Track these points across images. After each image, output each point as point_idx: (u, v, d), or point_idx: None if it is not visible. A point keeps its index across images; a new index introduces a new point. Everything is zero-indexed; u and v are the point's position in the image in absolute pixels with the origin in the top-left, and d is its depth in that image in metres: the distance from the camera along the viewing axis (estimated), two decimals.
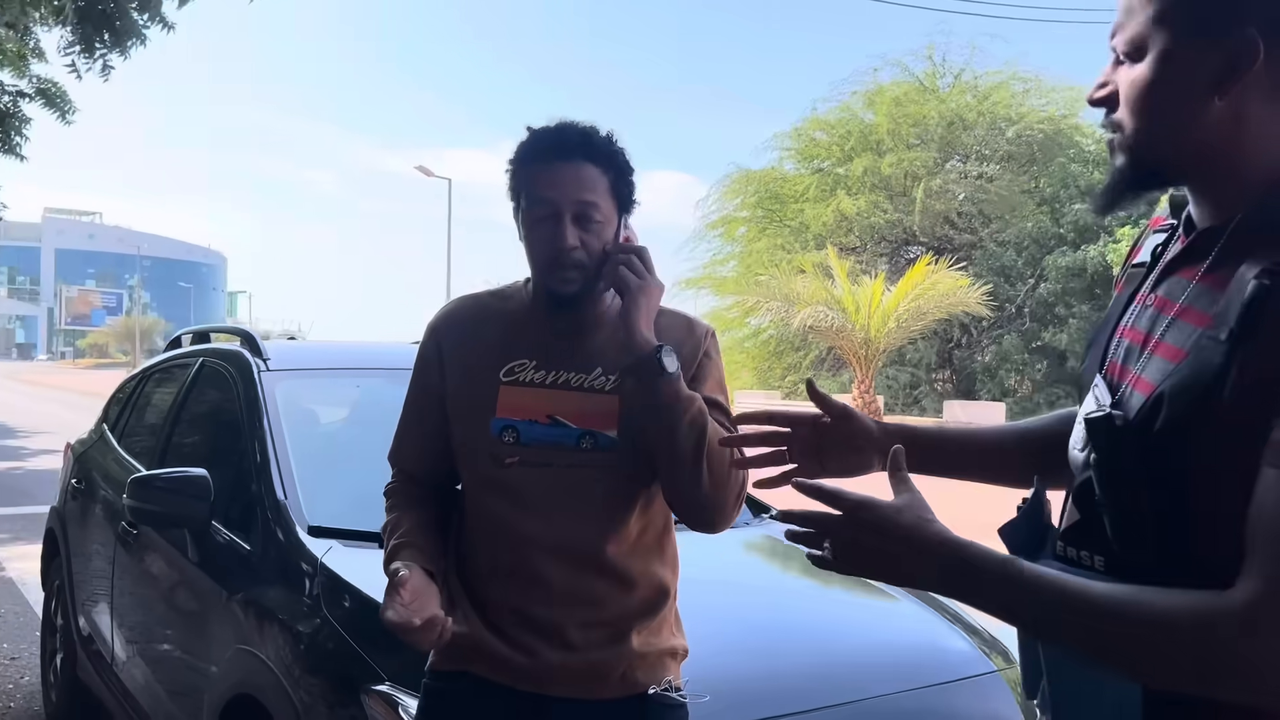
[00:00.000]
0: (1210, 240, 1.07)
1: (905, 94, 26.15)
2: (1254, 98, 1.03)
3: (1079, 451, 1.15)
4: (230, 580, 2.72)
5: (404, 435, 1.84)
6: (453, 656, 1.70)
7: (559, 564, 1.66)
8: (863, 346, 18.60)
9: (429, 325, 1.82)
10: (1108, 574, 1.06)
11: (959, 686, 2.32)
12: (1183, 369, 1.01)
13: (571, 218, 1.63)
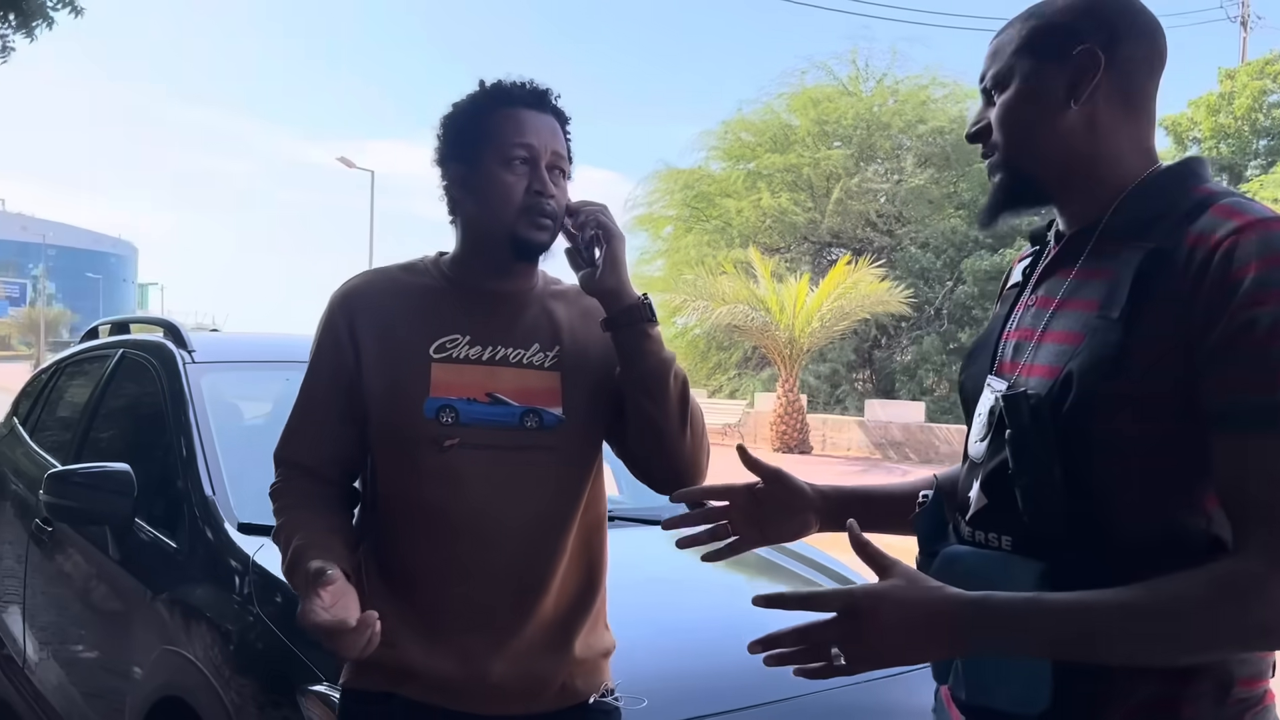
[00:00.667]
0: (1080, 242, 1.21)
1: (828, 96, 26.53)
2: (1103, 106, 1.18)
3: (981, 442, 1.24)
4: (155, 579, 2.63)
5: (300, 427, 1.65)
6: (377, 676, 1.56)
7: (507, 556, 1.55)
8: (787, 346, 18.81)
9: (333, 301, 1.65)
10: (1015, 552, 1.16)
11: (892, 681, 2.34)
12: (1083, 351, 1.11)
13: (546, 167, 1.57)
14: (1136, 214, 1.15)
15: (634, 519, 3.05)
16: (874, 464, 17.36)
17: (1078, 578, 1.08)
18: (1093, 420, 1.09)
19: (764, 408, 20.51)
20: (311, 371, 1.65)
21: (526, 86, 1.60)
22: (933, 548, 1.28)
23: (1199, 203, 1.12)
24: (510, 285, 1.63)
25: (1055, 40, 1.20)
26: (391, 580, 1.58)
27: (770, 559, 3.04)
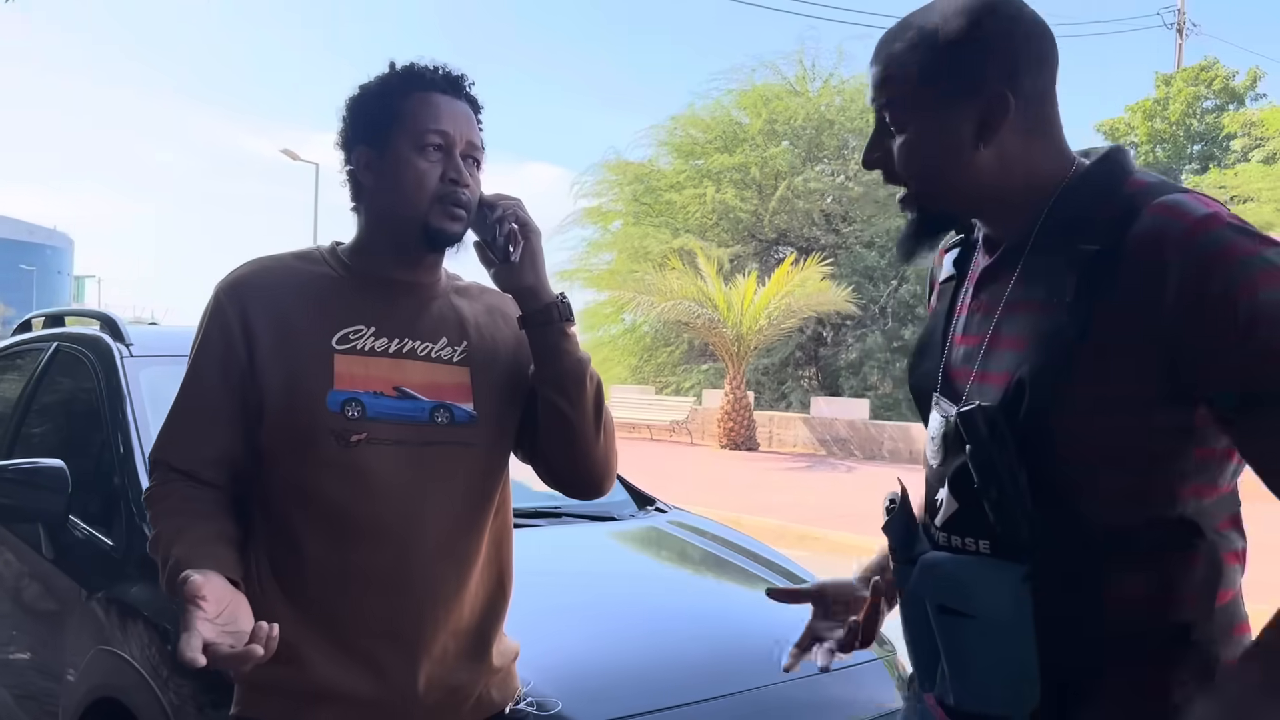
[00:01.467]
0: (1014, 252, 1.20)
1: (776, 95, 26.66)
2: (1009, 138, 1.16)
3: (935, 449, 1.23)
4: (90, 578, 2.57)
5: (182, 425, 1.52)
6: (279, 701, 1.46)
7: (419, 560, 1.47)
8: (735, 343, 18.89)
9: (220, 290, 1.53)
10: (994, 555, 1.13)
11: (842, 674, 2.36)
12: (1030, 356, 1.10)
13: (460, 155, 1.51)
14: (1069, 216, 1.15)
15: (578, 515, 3.05)
16: (819, 460, 17.52)
17: (1059, 577, 1.09)
18: (1049, 423, 1.09)
19: (711, 404, 20.58)
20: (196, 366, 1.53)
21: (441, 71, 1.53)
22: (908, 554, 1.26)
23: (1131, 199, 1.11)
24: (415, 277, 1.56)
25: (956, 82, 1.15)
26: (292, 591, 1.47)
27: (713, 553, 3.05)
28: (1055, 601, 1.10)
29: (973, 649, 1.16)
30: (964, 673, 1.18)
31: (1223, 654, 1.11)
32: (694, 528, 3.27)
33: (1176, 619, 1.09)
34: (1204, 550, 1.10)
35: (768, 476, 14.66)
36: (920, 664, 1.28)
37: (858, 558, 1.58)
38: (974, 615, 1.15)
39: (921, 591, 1.22)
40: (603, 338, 26.79)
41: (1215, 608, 1.11)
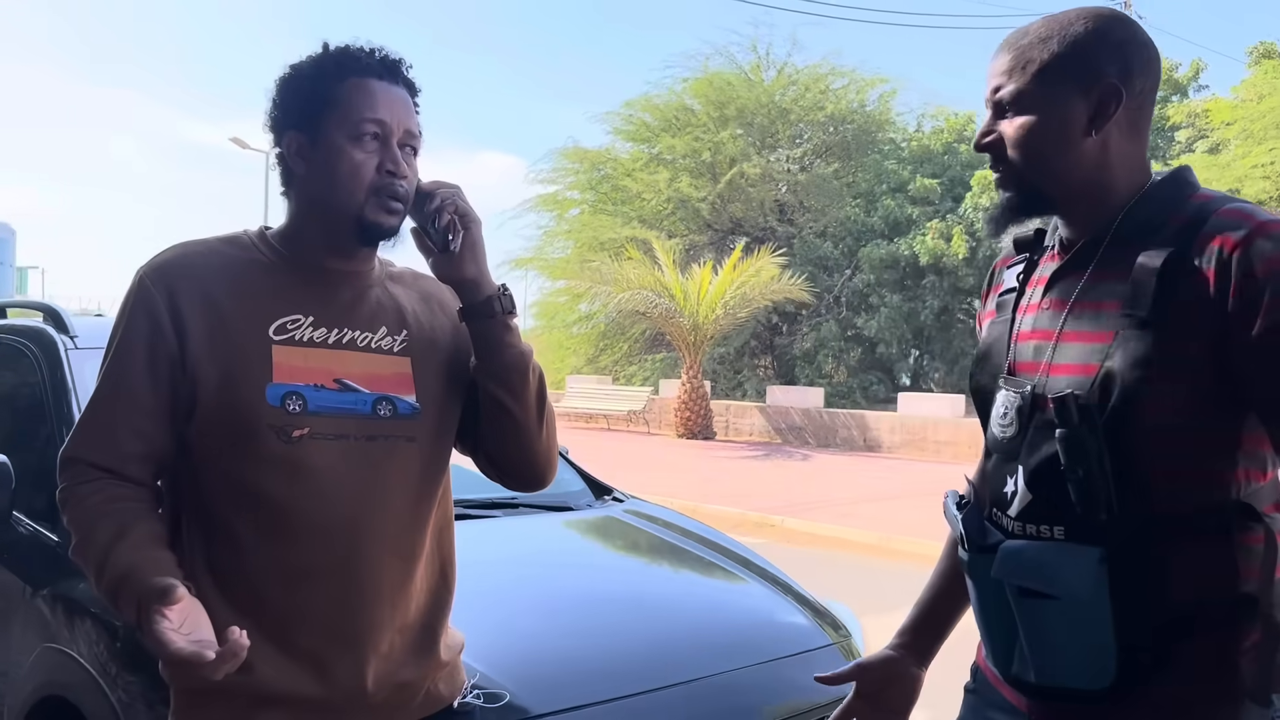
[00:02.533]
0: (1090, 249, 1.30)
1: (730, 83, 26.71)
2: (1116, 134, 1.28)
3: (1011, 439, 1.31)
4: (35, 574, 2.52)
5: (104, 420, 1.41)
6: (222, 708, 1.39)
7: (365, 556, 1.42)
8: (691, 332, 18.94)
9: (145, 276, 1.43)
10: (1068, 540, 1.24)
11: (797, 660, 2.39)
12: (1118, 349, 1.20)
13: (398, 144, 1.44)
14: (1143, 221, 1.27)
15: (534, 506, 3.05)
16: (775, 449, 17.64)
17: (1132, 557, 1.20)
18: (1134, 413, 1.19)
19: (668, 394, 20.63)
20: (119, 357, 1.41)
21: (378, 55, 1.46)
22: (982, 543, 1.33)
23: (1200, 208, 1.24)
24: (350, 265, 1.50)
25: (1078, 72, 1.27)
26: (231, 590, 1.40)
27: (669, 542, 3.06)
28: (1130, 580, 1.19)
29: (1054, 628, 1.25)
30: (1045, 650, 1.26)
31: None
32: (651, 517, 3.28)
33: (1242, 592, 1.19)
34: (1263, 529, 1.20)
35: (725, 465, 14.74)
36: (996, 646, 1.36)
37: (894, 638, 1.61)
38: (1057, 596, 1.23)
39: (1004, 576, 1.28)
40: (558, 326, 26.73)
41: (1275, 579, 1.20)
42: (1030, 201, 1.34)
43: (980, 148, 1.35)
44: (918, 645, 1.58)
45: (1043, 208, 1.35)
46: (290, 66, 1.48)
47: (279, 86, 1.48)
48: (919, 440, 16.75)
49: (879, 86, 26.91)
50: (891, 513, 10.13)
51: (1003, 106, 1.32)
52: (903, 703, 1.57)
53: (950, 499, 1.46)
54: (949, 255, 21.64)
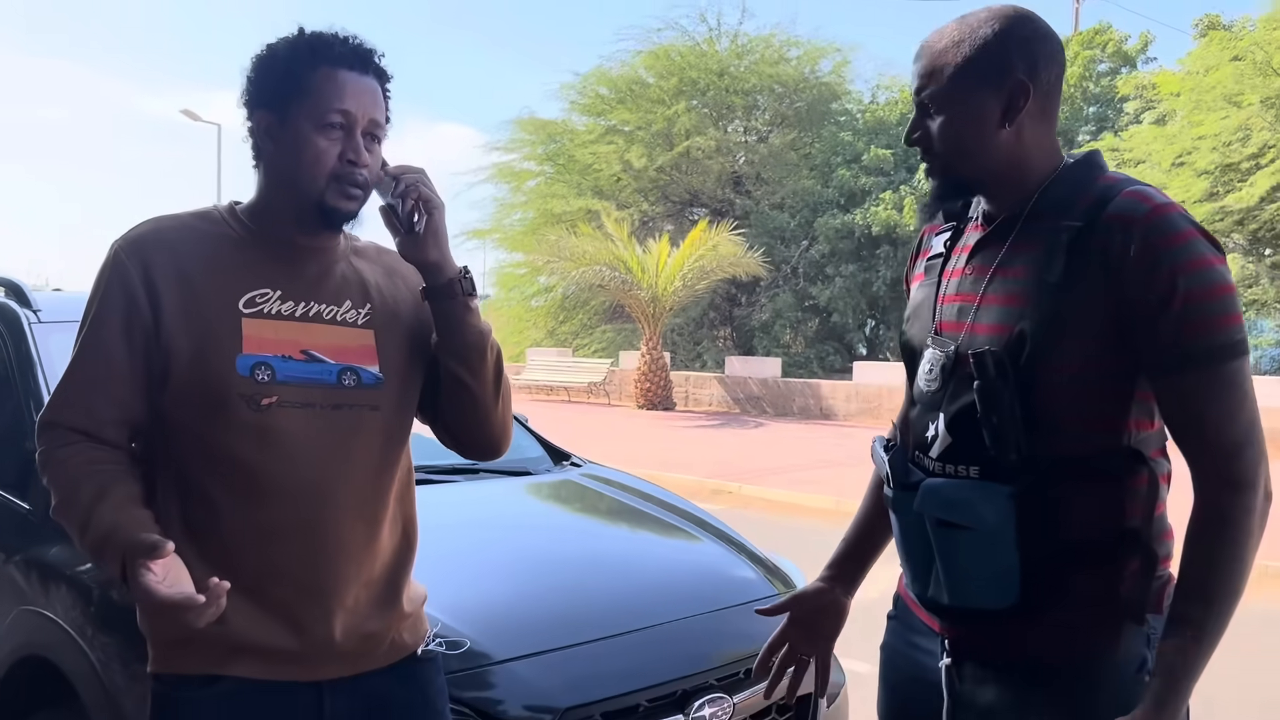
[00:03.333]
0: (1009, 224, 1.46)
1: (683, 55, 26.67)
2: (1027, 123, 1.43)
3: (935, 390, 1.47)
4: (7, 541, 2.58)
5: (81, 387, 1.48)
6: (200, 657, 1.48)
7: (331, 517, 1.51)
8: (650, 305, 19.05)
9: (120, 249, 1.50)
10: (982, 479, 1.40)
11: (745, 609, 2.52)
12: (1031, 311, 1.36)
13: (361, 133, 1.51)
14: (1056, 199, 1.41)
15: (495, 471, 3.16)
16: (733, 418, 17.85)
17: (1036, 495, 1.35)
18: (1042, 367, 1.35)
19: (628, 366, 20.75)
20: (95, 326, 1.48)
21: (350, 43, 1.52)
22: (906, 481, 1.49)
23: (1106, 189, 1.38)
24: (316, 241, 1.58)
25: (989, 72, 1.41)
26: (206, 547, 1.48)
27: (625, 503, 3.19)
28: (1034, 514, 1.35)
29: (966, 555, 1.41)
30: (958, 575, 1.43)
31: (1159, 552, 1.39)
32: (607, 480, 3.40)
33: (1127, 527, 1.36)
34: (1146, 472, 1.37)
35: (684, 434, 14.92)
36: (915, 573, 1.52)
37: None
38: (970, 527, 1.39)
39: (924, 510, 1.44)
40: (517, 299, 26.72)
41: (1155, 517, 1.38)
42: (956, 188, 1.49)
43: (910, 143, 1.50)
44: (844, 577, 1.76)
45: (967, 192, 1.51)
46: (267, 46, 1.53)
47: (254, 64, 1.53)
48: (874, 408, 17.04)
49: (832, 55, 27.08)
50: (844, 478, 10.35)
51: (926, 107, 1.46)
52: (831, 628, 1.76)
53: (878, 443, 1.61)
54: (902, 225, 21.90)
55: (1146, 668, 1.35)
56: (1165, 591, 1.39)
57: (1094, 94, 24.67)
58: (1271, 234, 17.34)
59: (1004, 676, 1.43)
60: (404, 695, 1.61)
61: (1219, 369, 1.30)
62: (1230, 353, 1.30)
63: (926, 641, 1.54)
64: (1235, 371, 1.31)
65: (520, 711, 1.99)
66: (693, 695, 2.18)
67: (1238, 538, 1.30)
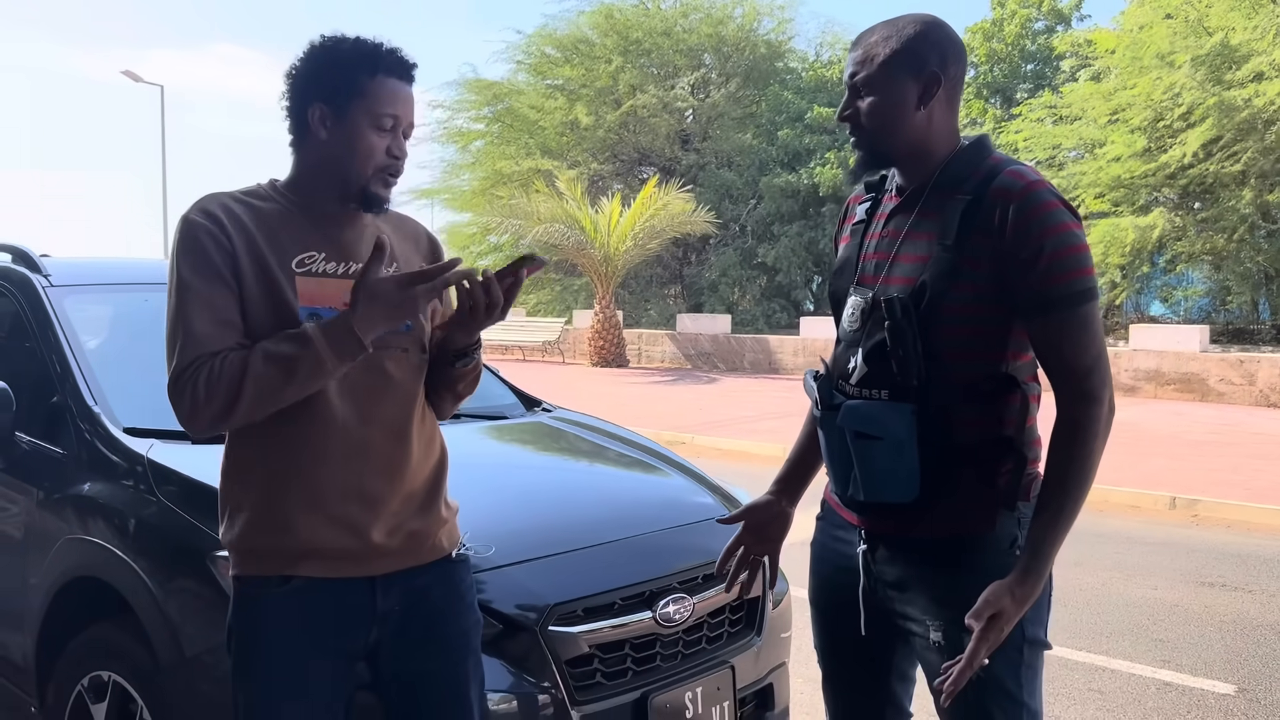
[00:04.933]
0: (916, 195, 1.80)
1: (627, 13, 26.67)
2: (936, 109, 1.77)
3: (855, 330, 1.82)
4: (43, 481, 2.86)
5: (216, 323, 1.69)
6: (274, 561, 1.77)
7: (379, 439, 1.80)
8: (603, 264, 19.28)
9: (199, 214, 1.73)
10: (891, 399, 1.73)
11: (705, 525, 2.90)
12: (930, 266, 1.74)
13: (402, 133, 1.81)
14: (953, 175, 1.74)
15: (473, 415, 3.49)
16: (685, 374, 18.25)
17: (934, 411, 1.69)
18: (938, 311, 1.68)
19: (582, 325, 21.01)
20: (202, 272, 1.69)
21: (398, 55, 1.81)
22: (830, 403, 1.83)
23: (993, 168, 1.72)
24: (349, 210, 1.84)
25: (910, 64, 1.73)
26: (277, 472, 1.76)
27: (595, 442, 3.55)
28: (930, 427, 1.69)
29: (878, 460, 1.75)
30: (872, 477, 1.77)
31: (1028, 454, 1.74)
32: (578, 422, 3.75)
33: (1003, 435, 1.72)
34: (1019, 393, 1.72)
35: (638, 390, 15.28)
36: (837, 477, 1.87)
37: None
38: (881, 438, 1.73)
39: (845, 424, 1.77)
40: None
41: (1026, 428, 1.74)
42: (877, 159, 1.83)
43: (842, 119, 1.82)
44: (787, 490, 2.12)
45: (885, 164, 1.85)
46: (326, 47, 1.80)
47: (315, 60, 1.79)
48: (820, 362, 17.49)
49: (776, 12, 27.26)
50: (792, 427, 10.63)
51: (857, 89, 1.78)
52: (778, 532, 2.12)
53: (809, 375, 1.97)
54: (846, 185, 22.29)
55: (1017, 544, 1.70)
56: (1033, 485, 1.74)
57: (1030, 52, 25.15)
58: (1200, 189, 17.99)
59: (908, 555, 1.79)
60: (441, 589, 1.91)
61: (1075, 310, 1.65)
62: (1084, 298, 1.65)
63: (847, 534, 1.90)
64: (1088, 312, 1.66)
65: (516, 608, 2.34)
66: (659, 595, 2.53)
67: (1088, 440, 1.65)
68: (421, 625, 1.88)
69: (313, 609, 1.79)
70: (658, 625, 2.51)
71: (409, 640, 1.87)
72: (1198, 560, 6.05)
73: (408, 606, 1.87)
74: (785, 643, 3.00)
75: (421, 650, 1.88)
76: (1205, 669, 4.34)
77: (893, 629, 1.85)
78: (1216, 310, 20.69)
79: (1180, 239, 18.06)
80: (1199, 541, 6.56)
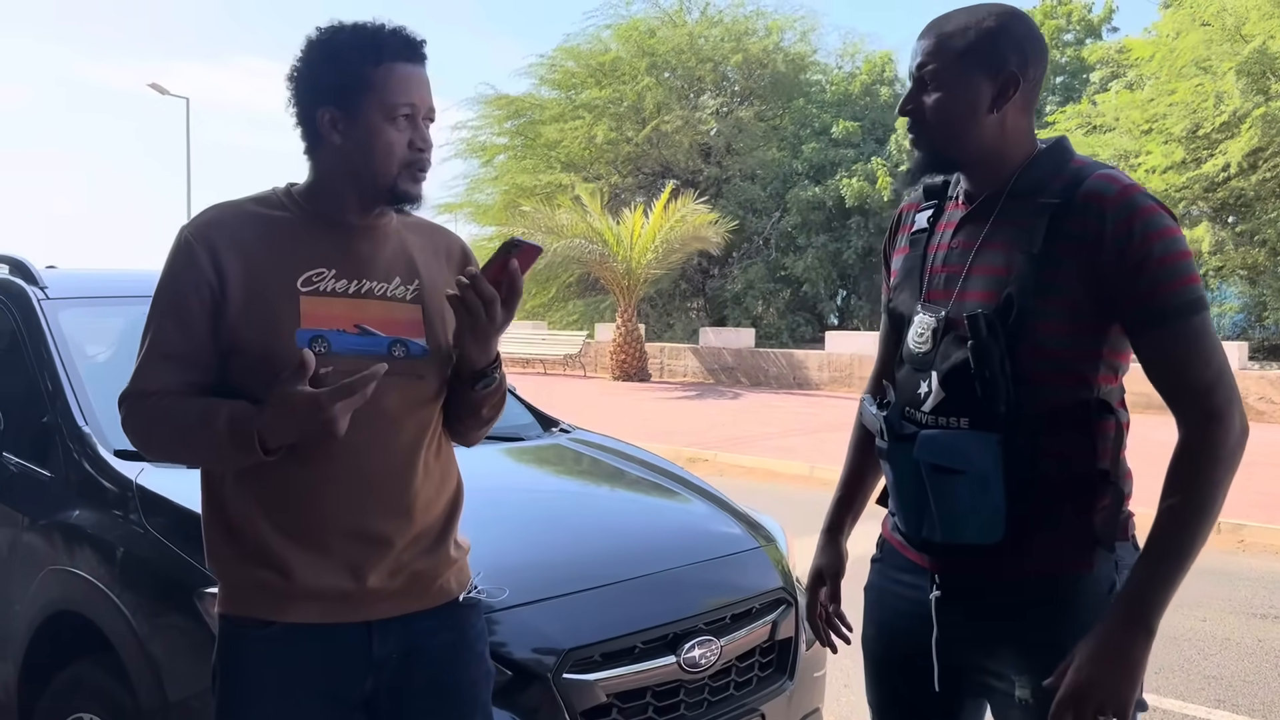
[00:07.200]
0: (990, 202, 1.61)
1: (653, 27, 26.65)
2: (1012, 112, 1.58)
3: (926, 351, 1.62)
4: (30, 507, 2.71)
5: (158, 359, 1.59)
6: (263, 602, 1.62)
7: (386, 473, 1.64)
8: (625, 277, 19.15)
9: (189, 233, 1.61)
10: (972, 429, 1.55)
11: (730, 559, 2.71)
12: (1015, 279, 1.53)
13: (423, 120, 1.64)
14: (1032, 180, 1.57)
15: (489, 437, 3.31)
16: (708, 388, 18.05)
17: (1021, 441, 1.51)
18: (1027, 328, 1.50)
19: (604, 338, 20.87)
20: (171, 304, 1.59)
21: (402, 35, 1.62)
22: (900, 433, 1.63)
23: (1079, 171, 1.54)
24: (370, 220, 1.68)
25: (987, 60, 1.55)
26: (269, 502, 1.61)
27: (615, 466, 3.35)
28: (1019, 458, 1.51)
29: (960, 497, 1.56)
30: (950, 515, 1.58)
31: (1125, 490, 1.57)
32: (596, 444, 3.56)
33: (1099, 467, 1.53)
34: (1113, 420, 1.54)
35: (660, 405, 15.10)
36: (908, 516, 1.67)
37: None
38: (964, 471, 1.54)
39: (922, 457, 1.58)
40: None
41: (1120, 460, 1.56)
42: (938, 163, 1.64)
43: (903, 113, 1.63)
44: (841, 527, 1.96)
45: (948, 168, 1.66)
46: (323, 41, 1.62)
47: (311, 59, 1.63)
48: (846, 377, 17.29)
49: (799, 24, 27.20)
50: (818, 445, 10.58)
51: (923, 82, 1.59)
52: (839, 572, 1.95)
53: (867, 402, 1.76)
54: (873, 196, 22.10)
55: (1115, 589, 1.52)
56: (1129, 523, 1.58)
57: (1060, 64, 24.87)
58: (1238, 202, 17.64)
59: (990, 604, 1.59)
60: (448, 636, 1.73)
61: (1189, 320, 1.47)
62: (1197, 306, 1.47)
63: (913, 578, 1.69)
64: (1202, 322, 1.48)
65: (528, 653, 2.15)
66: (683, 638, 2.34)
67: (1213, 467, 1.45)
68: (425, 674, 1.71)
69: (303, 653, 1.63)
70: (682, 670, 2.32)
71: (411, 690, 1.70)
72: (1247, 590, 5.82)
73: (409, 653, 1.69)
74: (819, 684, 2.80)
75: (424, 702, 1.71)
76: (1264, 710, 4.08)
77: (967, 685, 1.65)
78: (1252, 326, 20.29)
79: (1216, 253, 17.69)
80: (1247, 569, 6.32)
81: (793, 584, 2.77)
